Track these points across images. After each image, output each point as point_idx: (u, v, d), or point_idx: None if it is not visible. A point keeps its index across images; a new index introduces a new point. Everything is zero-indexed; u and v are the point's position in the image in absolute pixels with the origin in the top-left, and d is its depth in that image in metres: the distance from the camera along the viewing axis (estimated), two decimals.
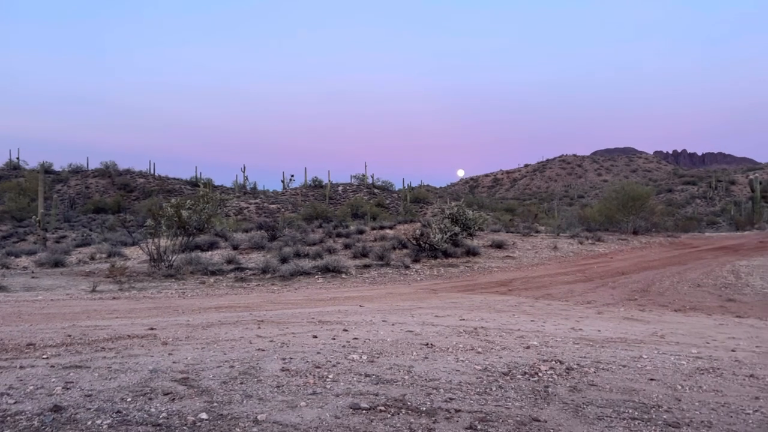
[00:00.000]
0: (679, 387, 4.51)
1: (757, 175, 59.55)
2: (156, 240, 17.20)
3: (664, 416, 3.77)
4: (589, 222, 30.54)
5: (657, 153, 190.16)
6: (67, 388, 4.04)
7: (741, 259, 18.76)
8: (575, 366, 5.11)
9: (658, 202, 42.66)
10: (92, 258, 20.09)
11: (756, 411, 3.93)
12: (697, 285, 13.97)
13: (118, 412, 3.57)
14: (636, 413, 3.81)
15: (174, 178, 63.25)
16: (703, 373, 4.98)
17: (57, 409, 3.58)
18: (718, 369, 5.15)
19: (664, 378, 4.78)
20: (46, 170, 56.61)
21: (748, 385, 4.64)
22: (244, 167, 65.76)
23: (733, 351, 6.16)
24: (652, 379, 4.72)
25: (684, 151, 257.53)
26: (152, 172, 64.13)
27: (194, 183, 60.30)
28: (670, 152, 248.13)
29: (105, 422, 3.39)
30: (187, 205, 20.12)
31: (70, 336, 6.37)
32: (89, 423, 3.38)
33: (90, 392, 3.96)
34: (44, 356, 5.19)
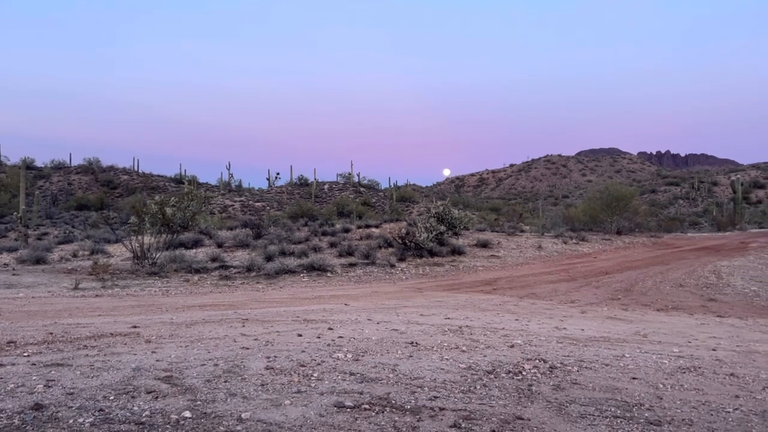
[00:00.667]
0: (661, 386, 4.56)
1: (738, 176, 60.27)
2: (140, 237, 17.06)
3: (646, 414, 3.81)
4: (574, 222, 30.74)
5: (641, 154, 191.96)
6: (49, 386, 4.00)
7: (722, 259, 18.99)
8: (559, 365, 5.14)
9: (642, 203, 43.05)
10: (75, 255, 19.88)
11: (736, 409, 3.99)
12: (679, 285, 14.12)
13: (101, 410, 3.54)
14: (618, 411, 3.85)
15: (158, 175, 62.85)
16: (684, 372, 5.03)
17: (38, 407, 3.54)
18: (700, 368, 5.22)
19: (646, 377, 4.83)
20: (28, 166, 55.91)
21: (728, 384, 4.70)
22: (229, 165, 65.58)
23: (714, 350, 6.24)
24: (634, 378, 4.76)
25: (667, 152, 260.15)
26: (136, 168, 63.68)
27: (179, 180, 59.93)
28: (654, 153, 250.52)
29: (87, 420, 3.36)
30: (171, 202, 20.03)
31: (51, 334, 6.31)
32: (71, 421, 3.34)
33: (72, 390, 3.92)
34: (25, 354, 5.13)
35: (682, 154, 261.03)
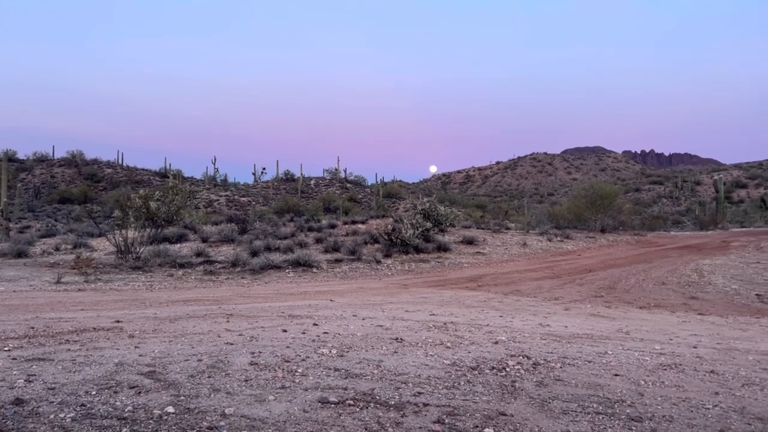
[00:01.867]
0: (643, 382, 4.60)
1: (721, 176, 60.97)
2: (123, 231, 16.93)
3: (628, 411, 3.85)
4: (558, 220, 30.94)
5: (626, 153, 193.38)
6: (30, 381, 3.96)
7: (704, 258, 19.21)
8: (542, 361, 5.18)
9: (626, 201, 43.40)
10: (57, 249, 19.67)
11: (715, 406, 4.04)
12: (661, 283, 14.26)
13: (83, 405, 3.51)
14: (600, 408, 3.89)
15: (143, 169, 62.19)
16: (665, 369, 5.09)
17: (19, 402, 3.51)
18: (680, 365, 5.28)
19: (628, 373, 4.88)
20: (10, 158, 55.14)
21: (708, 381, 4.75)
22: (215, 159, 65.15)
23: (694, 347, 6.31)
24: (616, 375, 4.81)
25: (652, 151, 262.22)
26: (120, 162, 62.98)
27: (164, 174, 59.39)
28: (639, 152, 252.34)
29: (68, 415, 3.33)
30: (155, 196, 19.87)
31: (33, 328, 6.24)
32: (52, 416, 3.31)
33: (53, 385, 3.88)
34: (6, 348, 5.07)
35: (666, 154, 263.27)
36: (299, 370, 4.54)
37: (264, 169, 66.13)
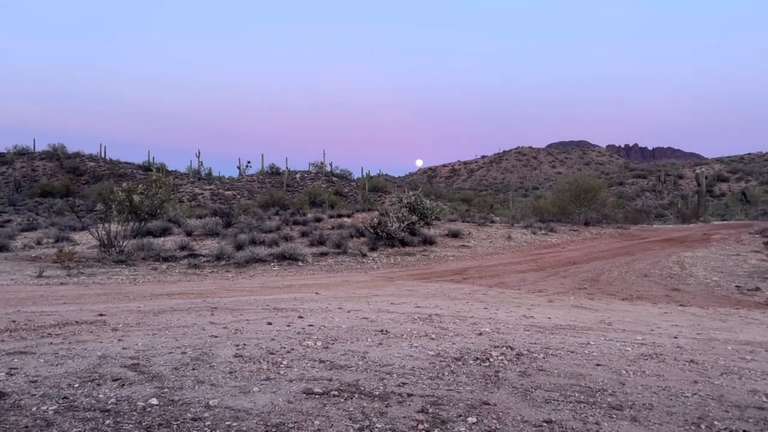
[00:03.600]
0: (624, 372, 4.66)
1: (703, 169, 61.53)
2: (106, 225, 16.77)
3: (609, 399, 3.90)
4: (543, 213, 31.09)
5: (609, 147, 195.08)
6: (11, 374, 3.93)
7: (686, 250, 19.43)
8: (525, 352, 5.22)
9: (610, 195, 43.67)
10: (39, 243, 19.46)
11: (694, 394, 4.10)
12: (644, 275, 14.42)
13: (65, 398, 3.49)
14: (582, 397, 3.93)
15: (126, 163, 61.58)
16: (646, 359, 5.16)
17: (0, 395, 3.48)
18: (661, 355, 5.35)
19: (610, 363, 4.93)
20: None
21: (688, 370, 4.83)
22: (199, 152, 64.33)
23: (675, 338, 6.39)
24: (598, 365, 4.87)
25: (635, 145, 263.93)
26: (103, 155, 62.33)
27: (147, 168, 58.81)
28: (622, 146, 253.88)
29: (51, 408, 3.31)
30: (139, 189, 19.72)
31: (14, 322, 6.18)
32: (34, 409, 3.29)
33: (35, 378, 3.86)
34: None
35: (650, 148, 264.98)
36: (284, 362, 4.54)
37: (249, 162, 65.90)
